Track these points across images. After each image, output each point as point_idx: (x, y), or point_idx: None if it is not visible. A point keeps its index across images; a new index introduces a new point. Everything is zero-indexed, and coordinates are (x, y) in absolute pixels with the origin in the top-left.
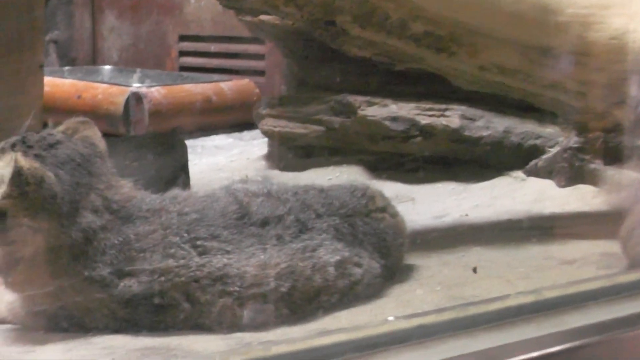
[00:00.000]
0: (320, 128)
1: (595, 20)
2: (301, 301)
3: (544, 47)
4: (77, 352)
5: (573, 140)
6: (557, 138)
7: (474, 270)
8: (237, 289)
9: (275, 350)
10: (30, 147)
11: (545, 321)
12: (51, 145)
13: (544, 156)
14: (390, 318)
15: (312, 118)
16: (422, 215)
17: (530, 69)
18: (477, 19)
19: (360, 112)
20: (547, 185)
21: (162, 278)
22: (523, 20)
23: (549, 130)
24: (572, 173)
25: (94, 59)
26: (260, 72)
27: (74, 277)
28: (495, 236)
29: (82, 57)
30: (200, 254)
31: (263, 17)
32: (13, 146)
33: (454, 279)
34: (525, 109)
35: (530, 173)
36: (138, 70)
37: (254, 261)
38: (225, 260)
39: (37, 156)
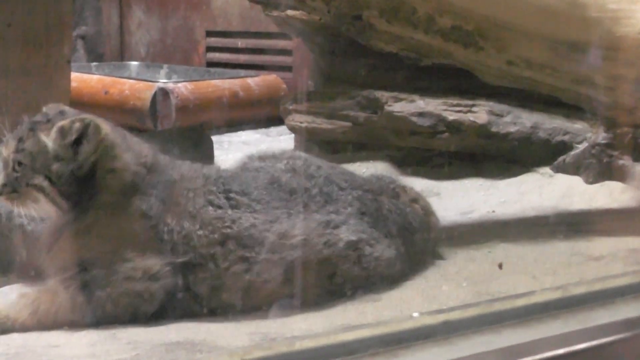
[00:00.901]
0: (347, 123)
1: (624, 15)
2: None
3: (573, 42)
4: (102, 346)
5: (601, 136)
6: (585, 134)
7: (500, 266)
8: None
9: (299, 345)
10: (49, 120)
11: (572, 318)
12: (62, 113)
13: (572, 152)
14: (415, 314)
15: (339, 113)
16: (449, 211)
17: (558, 64)
18: (504, 13)
19: (387, 108)
20: (575, 182)
21: (201, 231)
22: (551, 14)
23: (577, 126)
24: (600, 169)
25: (122, 54)
26: (287, 68)
27: (133, 214)
28: (522, 232)
29: (109, 52)
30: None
31: (290, 12)
32: (35, 123)
33: (480, 274)
34: (553, 104)
35: (558, 169)
36: (165, 65)
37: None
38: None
39: None
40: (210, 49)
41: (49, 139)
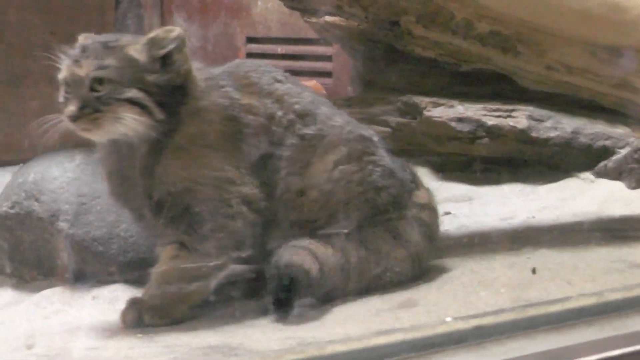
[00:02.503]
0: (386, 129)
1: None
2: None
3: (613, 46)
4: (140, 349)
5: None
6: (627, 139)
7: (533, 271)
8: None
9: (331, 349)
10: (117, 38)
11: (607, 324)
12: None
13: (614, 157)
14: (448, 319)
15: (378, 119)
16: (488, 217)
17: (598, 68)
18: (543, 17)
19: (426, 113)
20: (616, 187)
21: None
22: (590, 18)
23: (619, 130)
24: None
25: None
26: (327, 74)
27: (219, 111)
28: (563, 238)
29: None
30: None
31: (328, 18)
32: (106, 43)
33: (519, 281)
34: (594, 109)
35: (599, 174)
36: None
37: None
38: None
39: None
40: (250, 55)
41: (139, 52)
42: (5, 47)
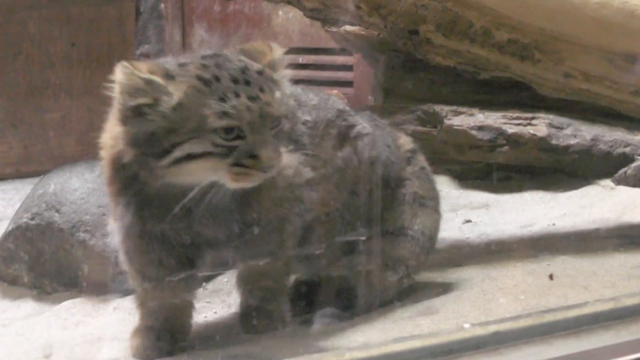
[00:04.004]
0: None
1: None
2: None
3: (630, 53)
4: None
5: None
6: None
7: (551, 277)
8: None
9: (349, 356)
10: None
11: (624, 329)
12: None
13: (634, 164)
14: (466, 325)
15: (399, 128)
16: (509, 225)
17: (616, 76)
18: (561, 25)
19: (447, 122)
20: (636, 194)
21: None
22: (608, 26)
23: (639, 137)
24: None
25: None
26: (348, 83)
27: None
28: (583, 245)
29: None
30: None
31: (348, 28)
32: (247, 68)
33: (539, 288)
34: (613, 116)
35: (619, 181)
36: None
37: None
38: None
39: None
40: None
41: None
42: (24, 58)
